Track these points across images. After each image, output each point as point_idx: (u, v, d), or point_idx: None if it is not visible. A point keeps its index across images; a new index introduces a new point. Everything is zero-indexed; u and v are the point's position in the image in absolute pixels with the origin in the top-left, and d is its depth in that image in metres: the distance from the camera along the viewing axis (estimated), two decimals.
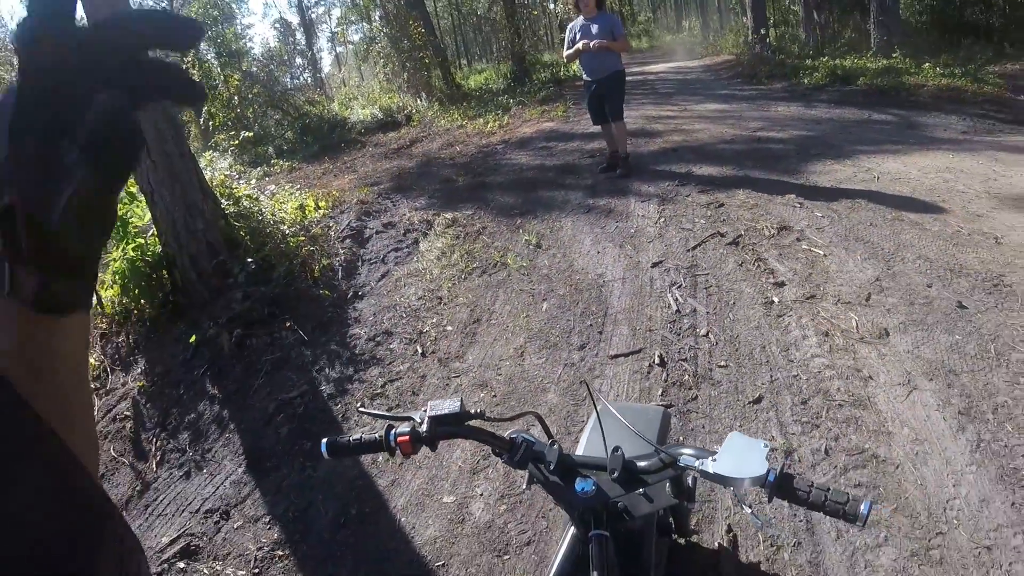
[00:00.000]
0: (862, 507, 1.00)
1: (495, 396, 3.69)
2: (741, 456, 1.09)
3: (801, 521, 2.53)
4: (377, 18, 19.38)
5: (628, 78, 7.11)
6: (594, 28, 6.62)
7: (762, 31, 16.74)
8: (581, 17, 6.67)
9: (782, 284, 4.26)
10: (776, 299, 4.09)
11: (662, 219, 5.56)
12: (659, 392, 3.43)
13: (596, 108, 6.94)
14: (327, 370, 4.25)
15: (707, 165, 6.83)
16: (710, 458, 1.12)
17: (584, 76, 6.93)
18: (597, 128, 7.21)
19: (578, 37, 6.66)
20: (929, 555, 2.33)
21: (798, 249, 4.70)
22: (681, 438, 3.09)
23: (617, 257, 5.01)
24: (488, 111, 12.89)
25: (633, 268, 4.80)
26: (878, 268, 4.33)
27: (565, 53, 6.96)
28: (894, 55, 13.42)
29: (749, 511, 1.24)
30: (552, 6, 31.75)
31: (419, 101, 15.55)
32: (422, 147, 10.71)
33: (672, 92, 13.79)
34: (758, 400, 3.25)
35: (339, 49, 38.71)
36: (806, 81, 12.56)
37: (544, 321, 4.34)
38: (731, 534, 2.55)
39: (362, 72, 29.75)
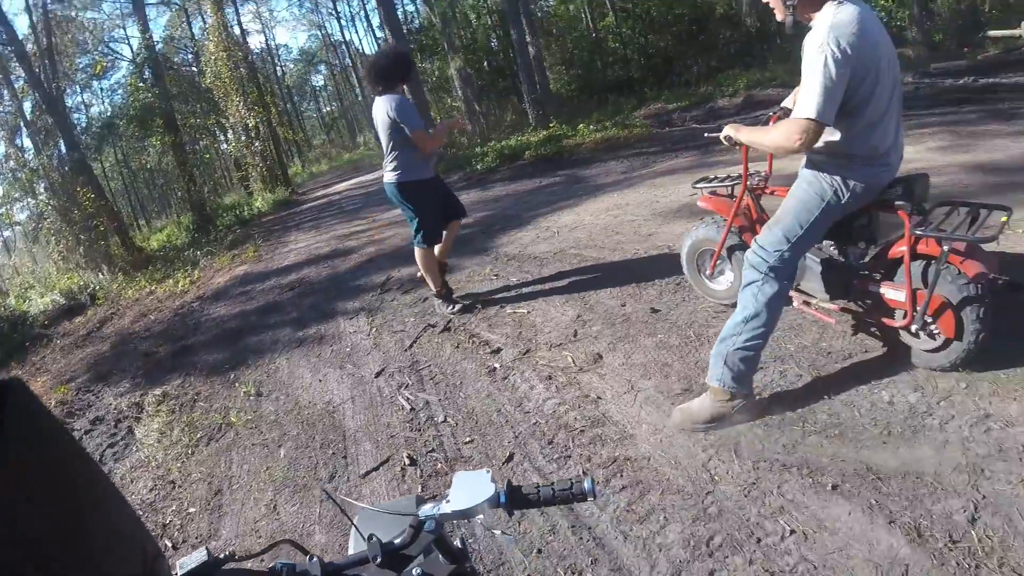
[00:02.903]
0: (586, 484, 1.15)
1: (262, 560, 3.24)
2: (470, 488, 1.15)
3: (590, 542, 2.53)
4: (43, 190, 17.55)
5: (314, 204, 6.06)
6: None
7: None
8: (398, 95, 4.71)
9: (499, 350, 4.36)
10: (497, 365, 4.17)
11: (374, 329, 5.46)
12: (419, 488, 3.26)
13: (439, 222, 5.11)
14: None
15: (404, 267, 6.88)
16: (444, 501, 1.15)
17: (420, 175, 4.87)
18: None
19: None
20: (708, 513, 2.50)
21: (504, 315, 4.90)
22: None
23: (340, 379, 4.78)
24: (176, 269, 12.03)
25: (358, 384, 4.60)
26: (577, 307, 4.65)
27: (435, 132, 4.92)
28: (551, 125, 15.12)
29: (500, 534, 1.39)
30: (225, 147, 30.90)
31: (101, 275, 14.16)
32: (113, 325, 9.60)
33: (359, 207, 14.08)
34: (510, 458, 3.25)
35: (6, 233, 34.39)
36: (479, 167, 13.56)
37: (286, 467, 3.94)
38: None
39: (35, 255, 26.77)
